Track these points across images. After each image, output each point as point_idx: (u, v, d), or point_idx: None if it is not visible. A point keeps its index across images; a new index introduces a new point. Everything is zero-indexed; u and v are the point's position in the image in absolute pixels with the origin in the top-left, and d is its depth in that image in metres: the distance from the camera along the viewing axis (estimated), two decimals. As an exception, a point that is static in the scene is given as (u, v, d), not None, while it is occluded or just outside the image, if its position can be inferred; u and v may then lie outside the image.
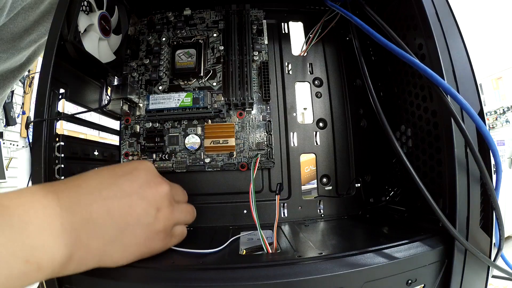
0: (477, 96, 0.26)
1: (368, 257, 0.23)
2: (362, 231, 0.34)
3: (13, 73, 0.49)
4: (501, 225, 0.25)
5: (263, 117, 0.41)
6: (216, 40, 0.43)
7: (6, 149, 1.75)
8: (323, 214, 0.40)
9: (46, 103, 0.27)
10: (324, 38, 0.43)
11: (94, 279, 0.22)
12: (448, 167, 0.26)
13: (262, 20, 0.43)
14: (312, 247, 0.27)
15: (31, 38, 0.45)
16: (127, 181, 0.25)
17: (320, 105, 0.43)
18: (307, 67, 0.43)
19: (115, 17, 0.39)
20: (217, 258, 0.25)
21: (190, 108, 0.39)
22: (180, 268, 0.23)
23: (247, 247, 0.30)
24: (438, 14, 0.28)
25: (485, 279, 0.26)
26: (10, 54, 0.44)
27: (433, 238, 0.25)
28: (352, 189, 0.41)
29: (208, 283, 0.21)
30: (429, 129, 0.30)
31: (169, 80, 0.42)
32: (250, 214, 0.38)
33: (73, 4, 0.30)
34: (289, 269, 0.22)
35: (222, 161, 0.40)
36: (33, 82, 1.93)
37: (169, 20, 0.44)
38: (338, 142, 0.42)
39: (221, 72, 0.42)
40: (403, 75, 0.35)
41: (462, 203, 0.24)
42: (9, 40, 0.42)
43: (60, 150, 0.30)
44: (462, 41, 0.27)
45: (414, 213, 0.33)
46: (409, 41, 0.31)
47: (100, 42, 0.36)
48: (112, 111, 0.40)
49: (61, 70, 0.30)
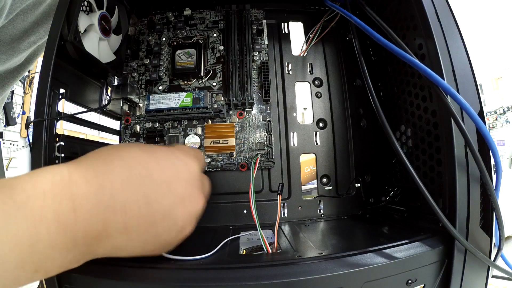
0: (477, 96, 0.26)
1: (368, 257, 0.23)
2: (362, 231, 0.34)
3: (13, 74, 0.49)
4: (501, 225, 0.25)
5: (263, 117, 0.41)
6: (216, 40, 0.43)
7: (6, 149, 1.75)
8: (323, 214, 0.40)
9: (46, 103, 0.27)
10: (324, 38, 0.43)
11: (94, 279, 0.22)
12: (448, 167, 0.26)
13: (262, 20, 0.43)
14: (312, 247, 0.27)
15: (30, 40, 0.45)
16: (160, 196, 0.23)
17: (320, 105, 0.43)
18: (307, 67, 0.43)
19: (115, 17, 0.39)
20: (217, 258, 0.25)
21: (190, 108, 0.39)
22: (180, 268, 0.23)
23: (247, 247, 0.30)
24: (438, 14, 0.28)
25: (485, 279, 0.26)
26: (9, 55, 0.44)
27: (433, 238, 0.25)
28: (352, 189, 0.41)
29: (208, 283, 0.21)
30: (429, 129, 0.30)
31: (169, 80, 0.42)
32: (250, 214, 0.38)
33: (73, 4, 0.30)
34: (289, 269, 0.22)
35: (222, 161, 0.40)
36: (33, 82, 1.93)
37: (169, 20, 0.44)
38: (338, 142, 0.42)
39: (221, 72, 0.42)
40: (403, 75, 0.35)
41: (462, 203, 0.24)
42: (8, 42, 0.42)
43: (60, 150, 0.30)
44: (462, 41, 0.27)
45: (414, 213, 0.33)
46: (409, 41, 0.31)
47: (100, 42, 0.36)
48: (112, 111, 0.40)
49: (61, 70, 0.30)
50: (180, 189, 0.24)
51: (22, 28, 0.43)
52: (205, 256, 0.25)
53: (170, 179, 0.23)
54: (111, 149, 0.24)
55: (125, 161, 0.22)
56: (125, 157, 0.23)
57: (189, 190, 0.25)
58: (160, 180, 0.23)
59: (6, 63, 0.45)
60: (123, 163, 0.22)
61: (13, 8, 0.38)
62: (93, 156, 0.23)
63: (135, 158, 0.23)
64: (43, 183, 0.18)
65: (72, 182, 0.19)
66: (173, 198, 0.23)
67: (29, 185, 0.18)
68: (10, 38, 0.42)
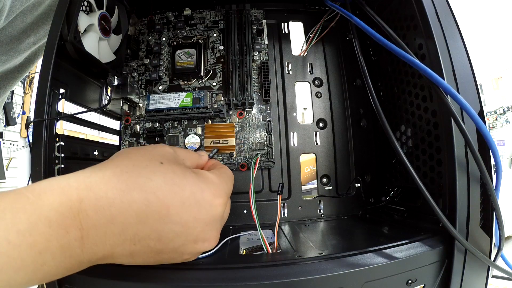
0: (477, 96, 0.26)
1: (368, 257, 0.23)
2: (362, 231, 0.34)
3: (13, 74, 0.49)
4: (501, 225, 0.25)
5: (263, 117, 0.41)
6: (216, 40, 0.43)
7: (6, 149, 1.76)
8: (323, 214, 0.40)
9: (46, 103, 0.27)
10: (324, 38, 0.43)
11: (94, 279, 0.22)
12: (448, 167, 0.26)
13: (262, 20, 0.43)
14: (312, 247, 0.27)
15: (29, 41, 0.45)
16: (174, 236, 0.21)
17: (320, 105, 0.43)
18: (307, 67, 0.43)
19: (115, 17, 0.39)
20: (217, 258, 0.25)
21: (190, 108, 0.39)
22: (180, 268, 0.23)
23: (247, 247, 0.30)
24: (438, 14, 0.28)
25: (485, 279, 0.26)
26: (9, 56, 0.44)
27: (433, 238, 0.25)
28: (352, 189, 0.41)
29: (208, 283, 0.21)
30: (429, 129, 0.30)
31: (169, 80, 0.42)
32: (250, 214, 0.38)
33: (73, 4, 0.30)
34: (289, 269, 0.22)
35: (222, 161, 0.40)
36: (33, 82, 1.93)
37: (169, 20, 0.44)
38: (338, 142, 0.42)
39: (221, 72, 0.42)
40: (403, 75, 0.35)
41: (462, 203, 0.24)
42: (7, 42, 0.42)
43: (60, 150, 0.30)
44: (462, 41, 0.27)
45: (414, 213, 0.33)
46: (409, 41, 0.31)
47: (100, 42, 0.36)
48: (112, 111, 0.40)
49: (61, 70, 0.30)
50: (197, 231, 0.22)
51: (21, 29, 0.43)
52: (205, 256, 0.25)
53: (189, 220, 0.21)
54: (132, 171, 0.21)
55: (144, 195, 0.20)
56: (145, 188, 0.20)
57: (206, 234, 0.23)
58: (178, 220, 0.21)
59: (6, 64, 0.45)
60: (142, 197, 0.20)
61: (12, 9, 0.38)
62: (110, 178, 0.20)
63: (156, 192, 0.20)
64: (48, 211, 0.17)
65: (81, 212, 0.18)
66: (187, 238, 0.22)
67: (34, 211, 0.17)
68: (9, 39, 0.42)
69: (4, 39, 0.42)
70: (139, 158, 0.22)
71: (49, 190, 0.18)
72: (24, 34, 0.44)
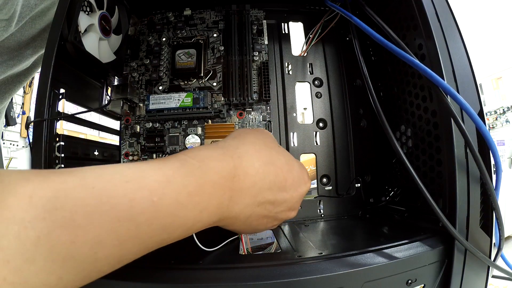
0: (477, 96, 0.26)
1: (368, 257, 0.23)
2: (362, 231, 0.34)
3: (19, 78, 0.49)
4: (501, 225, 0.25)
5: (263, 117, 0.41)
6: (216, 40, 0.43)
7: (6, 149, 1.75)
8: (323, 214, 0.40)
9: (46, 103, 0.27)
10: (324, 38, 0.43)
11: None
12: (448, 167, 0.26)
13: (262, 20, 0.43)
14: (312, 247, 0.27)
15: (36, 45, 0.45)
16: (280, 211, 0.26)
17: (320, 105, 0.43)
18: (307, 67, 0.43)
19: (116, 17, 0.39)
20: (217, 258, 0.25)
21: (190, 108, 0.39)
22: (180, 268, 0.23)
23: (247, 247, 0.30)
24: (438, 14, 0.28)
25: (485, 279, 0.26)
26: (17, 61, 0.44)
27: (433, 238, 0.25)
28: (352, 189, 0.41)
29: (208, 283, 0.21)
30: (429, 129, 0.30)
31: (169, 80, 0.42)
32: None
33: (73, 4, 0.30)
34: (289, 269, 0.22)
35: (222, 161, 0.40)
36: (33, 82, 1.92)
37: (169, 20, 0.44)
38: (338, 142, 0.42)
39: (221, 72, 0.42)
40: (403, 75, 0.35)
41: (462, 203, 0.24)
42: (15, 48, 0.43)
43: (60, 150, 0.30)
44: (462, 41, 0.27)
45: (414, 213, 0.33)
46: (409, 41, 0.31)
47: (100, 42, 0.36)
48: (112, 111, 0.40)
49: (61, 70, 0.30)
50: (294, 201, 0.27)
51: (29, 34, 0.43)
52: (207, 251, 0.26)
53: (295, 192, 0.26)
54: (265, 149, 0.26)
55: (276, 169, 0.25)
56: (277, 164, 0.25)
57: (297, 205, 0.28)
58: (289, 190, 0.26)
59: (14, 68, 0.45)
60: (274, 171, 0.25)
61: (22, 16, 0.38)
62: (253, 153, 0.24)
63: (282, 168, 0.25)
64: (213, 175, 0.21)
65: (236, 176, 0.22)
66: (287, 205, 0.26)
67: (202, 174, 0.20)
68: (18, 45, 0.42)
69: (12, 44, 0.42)
70: (265, 140, 0.27)
71: (209, 157, 0.22)
72: (32, 40, 0.44)
